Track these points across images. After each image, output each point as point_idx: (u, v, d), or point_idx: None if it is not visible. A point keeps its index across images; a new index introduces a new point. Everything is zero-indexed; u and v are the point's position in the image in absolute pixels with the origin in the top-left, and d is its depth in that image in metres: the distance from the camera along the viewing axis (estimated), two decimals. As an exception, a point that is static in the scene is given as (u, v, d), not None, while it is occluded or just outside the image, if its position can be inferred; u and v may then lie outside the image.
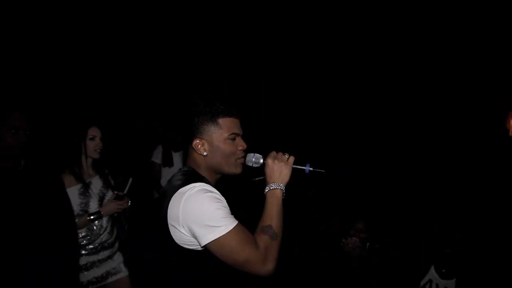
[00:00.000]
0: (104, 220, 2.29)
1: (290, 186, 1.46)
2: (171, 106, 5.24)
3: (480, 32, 5.25)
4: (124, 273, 2.39)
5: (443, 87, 5.95)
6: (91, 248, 2.24)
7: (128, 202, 2.34)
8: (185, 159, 1.54)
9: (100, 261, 2.27)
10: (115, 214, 2.34)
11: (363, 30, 5.64)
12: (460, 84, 5.85)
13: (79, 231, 2.15)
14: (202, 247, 1.28)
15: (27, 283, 1.87)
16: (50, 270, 1.93)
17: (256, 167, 1.51)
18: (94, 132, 2.28)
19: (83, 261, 2.19)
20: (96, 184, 2.33)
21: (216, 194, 1.33)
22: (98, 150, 2.30)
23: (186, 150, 1.51)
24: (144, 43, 5.18)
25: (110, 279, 2.31)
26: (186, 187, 1.31)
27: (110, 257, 2.32)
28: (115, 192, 2.32)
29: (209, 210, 1.26)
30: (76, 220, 2.12)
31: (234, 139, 1.44)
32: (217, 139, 1.42)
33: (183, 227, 1.28)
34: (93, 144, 2.28)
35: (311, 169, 1.47)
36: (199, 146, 1.43)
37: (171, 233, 1.31)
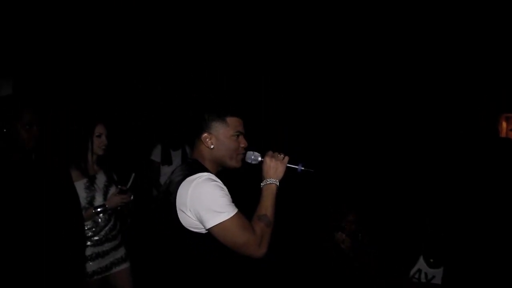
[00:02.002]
0: (108, 213, 2.39)
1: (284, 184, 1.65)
2: (179, 103, 5.32)
3: (470, 37, 5.38)
4: (126, 264, 2.49)
5: (436, 89, 6.08)
6: (96, 240, 2.34)
7: (131, 196, 2.44)
8: (191, 152, 1.71)
9: (105, 252, 2.37)
10: (119, 208, 2.44)
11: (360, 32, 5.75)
12: (452, 86, 5.98)
13: (85, 223, 2.26)
14: (206, 230, 1.44)
15: (36, 272, 1.97)
16: (59, 259, 2.02)
17: (254, 164, 1.68)
18: (100, 129, 2.39)
19: (88, 251, 2.29)
20: (101, 179, 2.43)
21: (220, 183, 1.50)
22: (103, 147, 2.41)
23: (193, 143, 1.67)
24: (144, 43, 5.26)
25: (114, 270, 2.41)
26: (193, 176, 1.47)
27: (114, 248, 2.42)
28: (119, 186, 2.42)
29: (214, 197, 1.43)
30: (83, 212, 2.22)
31: (238, 136, 1.62)
32: (224, 135, 1.59)
33: (190, 211, 1.43)
34: (99, 141, 2.38)
35: (303, 168, 1.67)
36: (207, 140, 1.59)
37: (179, 217, 1.46)
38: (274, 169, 1.60)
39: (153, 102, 5.50)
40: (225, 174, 1.67)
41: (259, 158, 1.67)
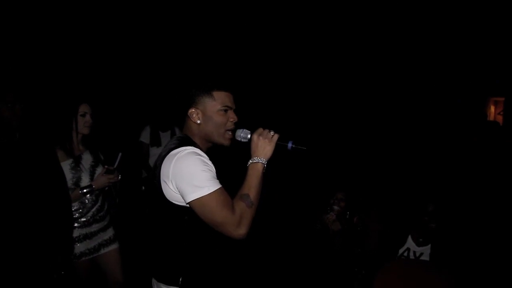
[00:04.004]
0: (96, 194, 2.35)
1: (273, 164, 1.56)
2: (168, 85, 5.23)
3: (458, 23, 5.37)
4: (115, 245, 2.47)
5: (427, 75, 6.11)
6: (84, 221, 2.30)
7: (119, 176, 2.39)
8: (181, 129, 1.67)
9: (93, 234, 2.34)
10: (106, 188, 2.40)
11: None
12: (442, 71, 6.01)
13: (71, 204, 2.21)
14: (186, 204, 1.42)
15: (23, 254, 1.93)
16: (45, 241, 1.99)
17: (244, 142, 1.60)
18: (85, 108, 2.32)
19: (76, 233, 2.25)
20: (87, 159, 2.38)
21: (204, 158, 1.46)
22: (88, 126, 2.35)
23: (183, 119, 1.62)
24: (134, 26, 5.15)
25: (102, 251, 2.39)
26: (177, 149, 1.45)
27: (102, 229, 2.39)
28: (106, 166, 2.37)
29: (196, 171, 1.39)
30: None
31: (226, 111, 1.56)
32: (210, 110, 1.55)
33: (172, 183, 1.42)
34: (84, 120, 2.32)
35: (293, 146, 1.55)
36: (194, 115, 1.55)
37: (163, 190, 1.45)
38: (262, 147, 1.52)
39: (142, 84, 5.40)
40: (216, 152, 1.62)
41: (248, 136, 1.59)
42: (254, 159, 1.52)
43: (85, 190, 2.24)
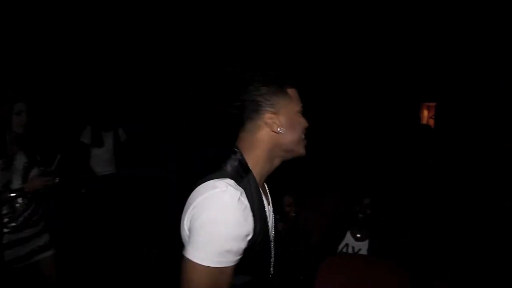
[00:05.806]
0: (29, 197, 2.20)
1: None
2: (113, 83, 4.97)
3: (393, 30, 5.72)
4: (50, 252, 2.32)
5: (364, 83, 6.44)
6: (14, 226, 2.14)
7: (56, 179, 2.26)
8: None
9: (25, 239, 2.18)
10: (41, 191, 2.26)
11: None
12: (379, 79, 6.37)
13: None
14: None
15: None
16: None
17: None
18: (20, 106, 2.17)
19: (5, 239, 2.09)
20: (20, 160, 2.22)
21: (245, 209, 0.99)
22: (23, 125, 2.20)
23: (242, 128, 1.15)
24: (84, 32, 4.89)
25: (36, 258, 2.24)
26: (214, 182, 1.01)
27: (36, 235, 2.24)
28: (41, 168, 2.23)
29: (214, 230, 0.95)
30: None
31: (302, 113, 1.20)
32: (292, 113, 1.14)
33: (186, 221, 1.01)
34: (19, 119, 2.17)
35: None
36: (274, 122, 1.11)
37: (180, 222, 1.05)
38: None
39: (84, 80, 5.12)
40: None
41: None
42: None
43: (14, 194, 2.10)
